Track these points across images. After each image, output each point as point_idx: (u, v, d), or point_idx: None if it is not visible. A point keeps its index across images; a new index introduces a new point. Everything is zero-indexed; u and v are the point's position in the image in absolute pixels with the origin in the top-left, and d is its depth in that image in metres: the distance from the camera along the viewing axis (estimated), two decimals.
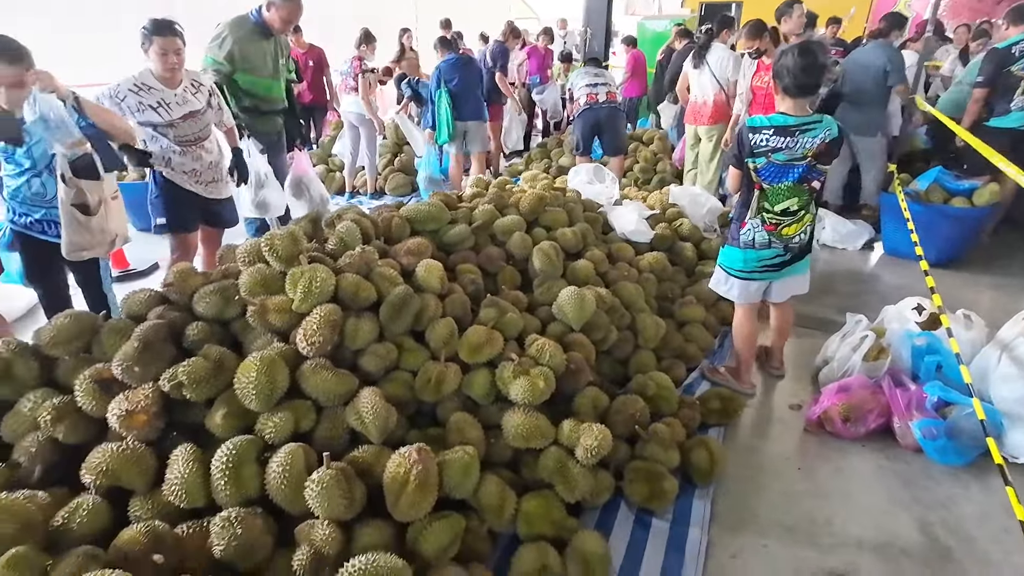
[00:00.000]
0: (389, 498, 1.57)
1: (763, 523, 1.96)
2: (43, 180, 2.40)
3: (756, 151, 2.21)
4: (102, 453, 1.58)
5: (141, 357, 1.72)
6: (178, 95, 2.87)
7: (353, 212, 2.53)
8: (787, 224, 2.32)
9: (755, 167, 2.24)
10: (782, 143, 2.17)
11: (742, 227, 2.39)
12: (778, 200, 2.28)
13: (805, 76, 2.12)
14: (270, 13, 3.36)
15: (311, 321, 1.83)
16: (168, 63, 2.76)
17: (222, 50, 3.36)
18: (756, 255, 2.40)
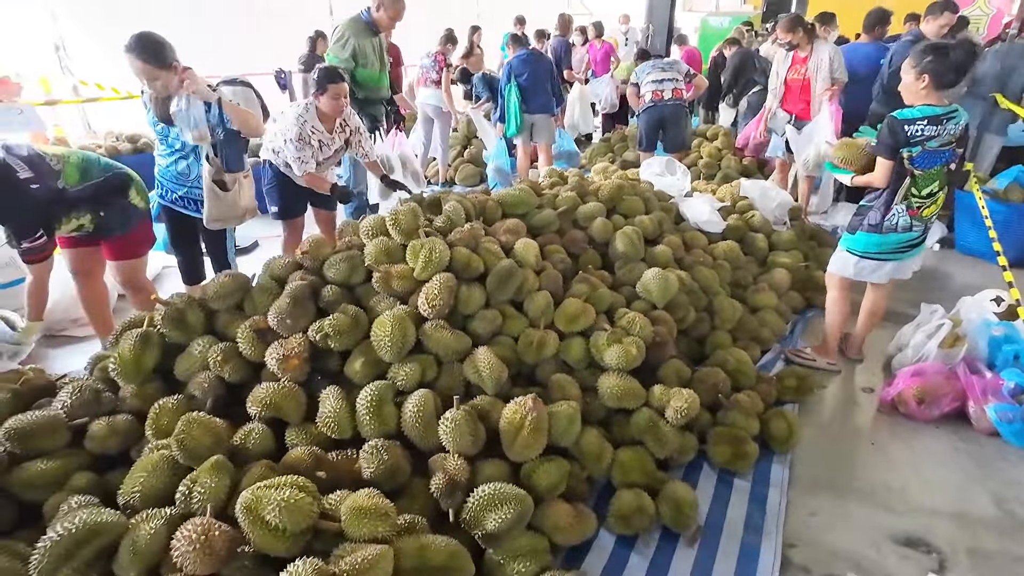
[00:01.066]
0: (505, 440, 1.80)
1: (839, 488, 2.09)
2: (189, 162, 2.76)
3: (913, 141, 2.37)
4: (265, 389, 1.86)
5: (292, 311, 2.01)
6: (333, 137, 3.20)
7: (455, 195, 2.78)
8: (928, 206, 2.51)
9: (910, 155, 2.39)
10: (935, 131, 2.34)
11: (887, 213, 2.51)
12: (925, 185, 2.45)
13: (955, 73, 2.35)
14: (379, 13, 3.73)
15: (432, 287, 2.07)
16: (339, 107, 3.08)
17: (346, 50, 3.76)
18: (897, 238, 2.55)
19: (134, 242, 2.75)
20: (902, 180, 2.45)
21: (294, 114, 3.06)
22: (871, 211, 2.57)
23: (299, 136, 3.02)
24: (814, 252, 3.87)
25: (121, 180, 2.63)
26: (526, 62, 5.22)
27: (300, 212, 3.48)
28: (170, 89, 2.54)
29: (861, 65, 4.84)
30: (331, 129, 3.17)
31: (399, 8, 3.73)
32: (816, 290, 3.46)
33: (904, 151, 2.38)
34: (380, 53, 3.88)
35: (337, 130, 3.21)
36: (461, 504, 1.64)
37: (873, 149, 2.49)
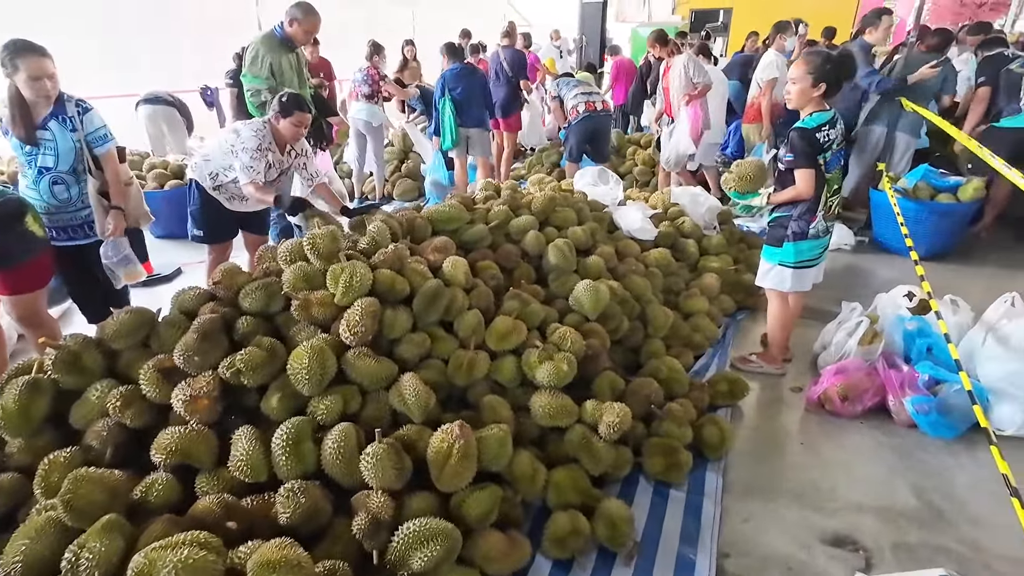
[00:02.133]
0: (433, 470, 1.73)
1: (771, 491, 2.12)
2: (67, 185, 2.63)
3: (824, 146, 2.46)
4: (170, 434, 1.72)
5: (200, 347, 1.87)
6: (283, 160, 3.06)
7: (380, 214, 2.69)
8: (835, 205, 2.64)
9: (824, 160, 2.49)
10: (834, 134, 2.48)
11: (813, 220, 2.55)
12: (833, 185, 2.57)
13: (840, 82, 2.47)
14: (293, 28, 3.57)
15: (353, 313, 1.98)
16: (298, 135, 2.97)
17: (263, 68, 3.60)
18: (820, 243, 2.63)
19: (31, 274, 2.53)
20: (822, 186, 2.51)
21: (252, 128, 2.93)
22: (792, 221, 2.59)
23: (257, 147, 2.89)
24: (744, 255, 3.98)
25: (15, 206, 2.44)
26: (459, 76, 5.18)
27: (228, 237, 3.31)
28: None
29: None
30: (283, 151, 3.05)
31: (314, 21, 3.60)
32: (746, 292, 3.55)
33: (820, 157, 2.46)
34: (299, 69, 3.74)
35: (288, 153, 3.08)
36: (385, 544, 1.56)
37: (791, 163, 2.48)
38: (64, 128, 2.57)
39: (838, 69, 2.41)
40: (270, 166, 3.00)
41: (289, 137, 2.99)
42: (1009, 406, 2.34)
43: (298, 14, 3.56)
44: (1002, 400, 2.36)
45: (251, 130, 2.93)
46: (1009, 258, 4.06)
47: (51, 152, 2.57)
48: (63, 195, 2.64)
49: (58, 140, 2.56)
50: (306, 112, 2.92)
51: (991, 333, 2.46)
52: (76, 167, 2.63)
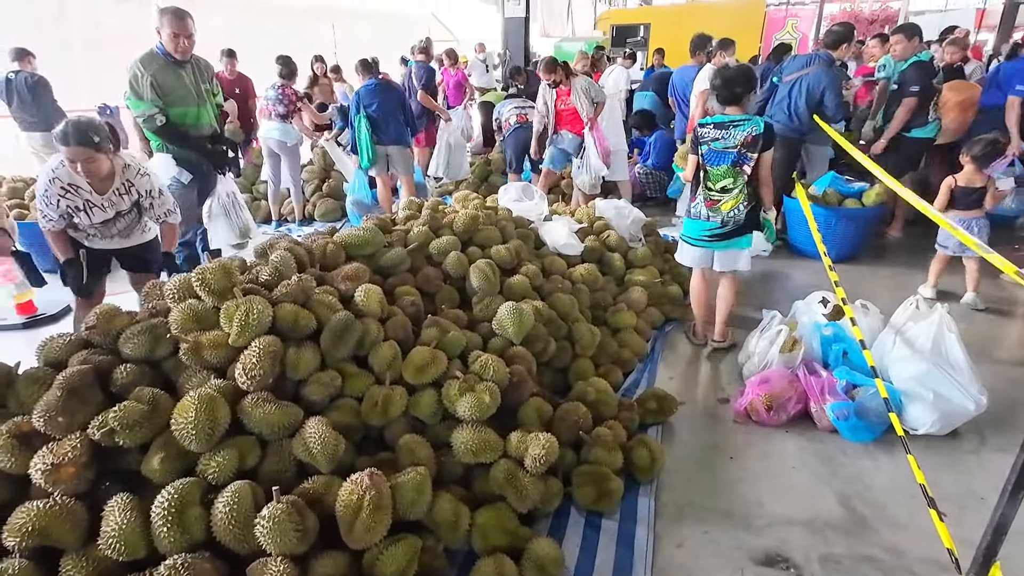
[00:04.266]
0: (343, 526, 1.57)
1: (702, 511, 2.08)
2: None
3: (702, 140, 2.90)
4: (26, 512, 1.48)
5: (66, 405, 1.63)
6: (107, 199, 2.67)
7: (286, 241, 2.50)
8: (724, 201, 2.91)
9: (701, 153, 2.91)
10: (719, 134, 2.84)
11: (693, 202, 3.04)
12: (717, 180, 2.90)
13: (731, 92, 2.86)
14: (163, 38, 3.27)
15: (250, 354, 1.80)
16: (80, 172, 2.51)
17: (143, 88, 3.27)
18: (700, 225, 3.02)
19: None
20: (699, 174, 2.97)
21: (49, 166, 2.57)
22: (688, 201, 3.13)
23: (45, 191, 2.56)
24: (669, 265, 4.01)
25: None
26: (373, 92, 5.02)
27: (96, 280, 2.87)
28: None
29: (689, 87, 5.24)
30: (103, 190, 2.64)
31: (173, 23, 3.23)
32: (673, 304, 3.57)
33: (699, 148, 2.92)
34: (194, 86, 3.44)
35: (116, 191, 2.68)
36: None
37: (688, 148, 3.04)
38: None
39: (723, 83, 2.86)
40: (86, 209, 2.63)
41: (77, 174, 2.52)
42: (919, 406, 2.41)
43: (161, 20, 3.26)
44: (913, 401, 2.44)
45: (48, 168, 2.58)
46: (915, 259, 4.29)
47: None
48: None
49: None
50: (75, 146, 2.41)
51: (899, 335, 2.55)
52: None
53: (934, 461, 2.27)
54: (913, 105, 4.37)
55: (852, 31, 4.63)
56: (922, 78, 4.32)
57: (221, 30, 7.84)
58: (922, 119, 4.44)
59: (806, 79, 4.32)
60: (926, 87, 4.35)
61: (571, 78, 4.93)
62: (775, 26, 11.05)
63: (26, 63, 5.44)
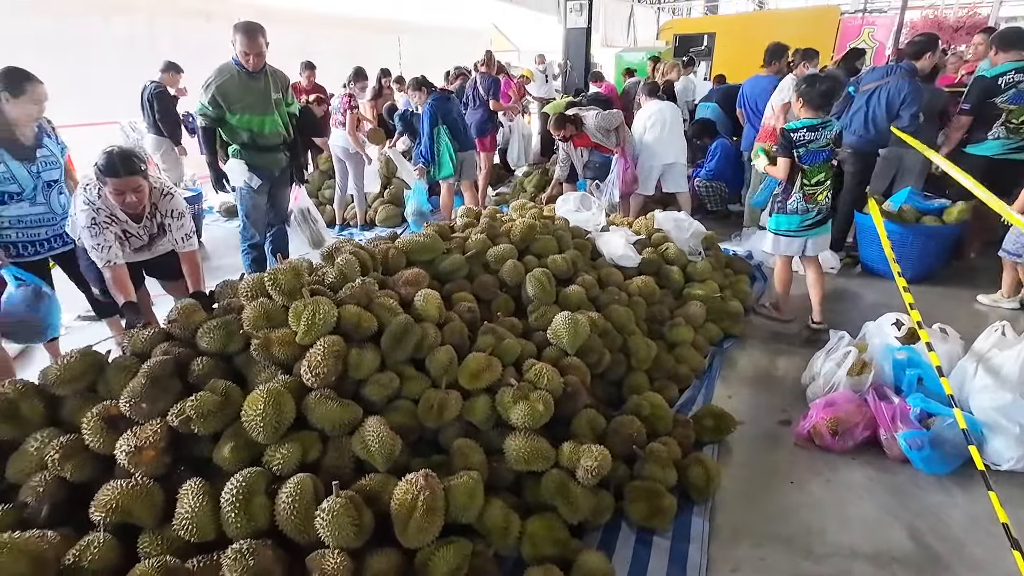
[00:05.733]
0: (397, 524, 1.61)
1: (759, 536, 2.01)
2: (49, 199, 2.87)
3: (798, 144, 3.22)
4: (111, 490, 1.60)
5: (148, 393, 1.75)
6: (142, 226, 2.70)
7: (351, 245, 2.60)
8: (818, 192, 3.31)
9: (799, 154, 3.24)
10: (813, 136, 3.20)
11: (788, 199, 3.37)
12: (814, 175, 3.28)
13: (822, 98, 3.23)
14: (236, 51, 3.51)
15: (315, 353, 1.88)
16: (126, 204, 2.51)
17: (207, 95, 3.55)
18: (799, 219, 3.37)
19: None
20: (797, 173, 3.28)
21: (85, 199, 2.52)
22: (779, 199, 3.43)
23: (92, 223, 2.51)
24: (729, 280, 3.91)
25: None
26: (446, 102, 5.16)
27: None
28: None
29: (761, 98, 5.07)
30: (139, 217, 2.64)
31: (244, 41, 3.45)
32: (733, 320, 3.47)
33: (795, 151, 3.22)
34: (262, 94, 3.64)
35: (148, 215, 2.68)
36: None
37: (776, 152, 3.34)
38: (55, 144, 2.91)
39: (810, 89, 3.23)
40: (127, 236, 2.66)
41: (120, 205, 2.51)
42: (1003, 440, 2.25)
43: (234, 36, 3.51)
44: (995, 433, 2.27)
45: (83, 202, 2.51)
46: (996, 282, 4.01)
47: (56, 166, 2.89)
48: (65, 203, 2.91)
49: (57, 155, 2.90)
50: (125, 176, 2.41)
51: (982, 363, 2.38)
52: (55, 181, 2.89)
53: (1019, 499, 2.10)
54: (965, 124, 4.12)
55: (936, 41, 4.39)
56: (976, 95, 4.02)
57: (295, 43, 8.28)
58: (980, 135, 4.11)
59: (886, 89, 4.12)
60: (978, 105, 4.02)
61: (580, 127, 5.12)
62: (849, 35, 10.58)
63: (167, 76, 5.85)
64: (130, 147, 2.56)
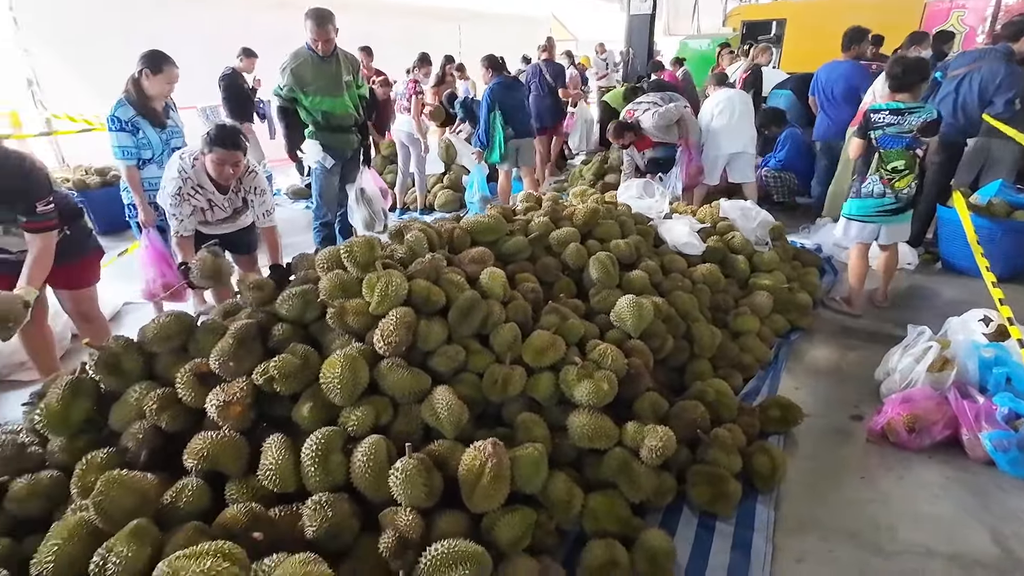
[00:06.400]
0: (464, 489, 1.66)
1: (827, 529, 1.95)
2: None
3: (875, 126, 3.17)
4: (203, 440, 1.71)
5: (235, 353, 1.87)
6: (227, 198, 2.89)
7: (419, 223, 2.67)
8: (897, 179, 3.20)
9: (874, 137, 3.18)
10: (894, 120, 3.12)
11: (864, 182, 3.30)
12: (891, 161, 3.18)
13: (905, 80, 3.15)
14: (310, 37, 3.70)
15: (388, 322, 1.95)
16: (224, 175, 2.73)
17: (283, 78, 3.78)
18: (874, 203, 3.28)
19: (85, 270, 2.68)
20: (872, 155, 3.22)
21: (177, 167, 2.72)
22: (855, 183, 3.38)
23: (177, 191, 2.71)
24: (797, 272, 3.78)
25: (78, 207, 2.63)
26: (507, 88, 5.19)
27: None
28: None
29: (837, 84, 4.84)
30: (225, 189, 2.83)
31: (314, 29, 3.65)
32: (800, 312, 3.36)
33: (871, 133, 3.19)
34: (332, 77, 3.79)
35: (234, 190, 2.87)
36: (412, 565, 1.49)
37: (855, 133, 3.33)
38: (178, 118, 3.32)
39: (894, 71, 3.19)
40: (210, 208, 2.84)
41: (216, 176, 2.72)
42: None
43: (306, 22, 3.69)
44: None
45: (176, 170, 2.71)
46: None
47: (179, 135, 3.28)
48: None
49: (180, 126, 3.29)
50: (231, 149, 2.63)
51: None
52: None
53: None
54: None
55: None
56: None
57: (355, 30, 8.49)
58: None
59: (978, 74, 3.86)
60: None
61: (639, 131, 5.04)
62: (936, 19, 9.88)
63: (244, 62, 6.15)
64: (234, 125, 2.73)
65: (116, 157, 3.12)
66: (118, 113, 3.06)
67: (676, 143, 5.04)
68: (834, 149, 5.18)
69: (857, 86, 4.74)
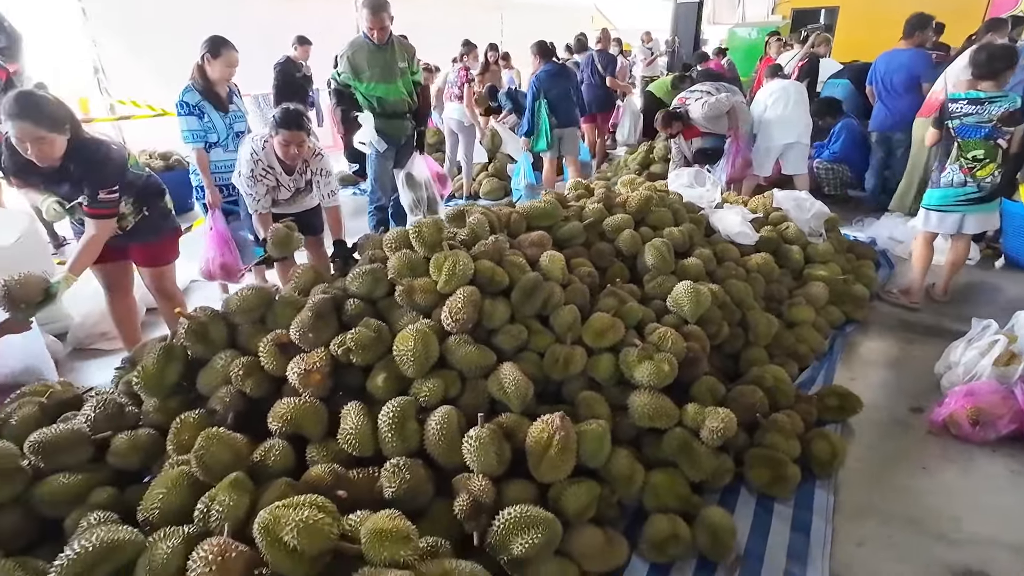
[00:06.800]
0: (532, 460, 1.72)
1: (887, 515, 1.96)
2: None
3: (952, 115, 3.13)
4: (286, 405, 1.82)
5: (314, 325, 1.97)
6: (292, 179, 3.01)
7: (479, 208, 2.74)
8: (978, 168, 3.13)
9: (952, 126, 3.14)
10: (973, 110, 3.08)
11: (943, 171, 3.24)
12: (970, 150, 3.12)
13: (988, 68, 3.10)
14: (364, 24, 3.83)
15: (455, 300, 2.02)
16: (291, 155, 2.83)
17: (340, 66, 3.94)
18: (955, 192, 3.22)
19: (165, 248, 2.84)
20: (951, 145, 3.17)
21: (249, 150, 2.86)
22: (935, 172, 3.33)
23: (251, 173, 2.87)
24: (852, 265, 3.72)
25: (160, 186, 2.78)
26: (554, 76, 5.21)
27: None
28: None
29: (897, 73, 4.71)
30: (291, 170, 2.96)
31: (369, 18, 3.74)
32: (855, 304, 3.32)
33: (948, 122, 3.15)
34: (387, 64, 3.89)
35: (299, 171, 3.00)
36: (486, 527, 1.57)
37: (931, 121, 3.34)
38: (241, 103, 3.45)
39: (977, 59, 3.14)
40: (276, 188, 2.96)
41: (283, 156, 2.84)
42: None
43: (360, 11, 3.84)
44: None
45: (249, 151, 2.84)
46: None
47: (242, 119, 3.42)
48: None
49: (243, 111, 3.42)
50: (295, 130, 2.73)
51: None
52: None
53: None
54: None
55: None
56: None
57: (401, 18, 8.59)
58: None
59: None
60: None
61: (688, 120, 4.97)
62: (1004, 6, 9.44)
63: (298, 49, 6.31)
64: (299, 108, 2.84)
65: (185, 141, 3.28)
66: (185, 98, 3.22)
67: (725, 134, 4.98)
68: (891, 141, 5.05)
69: (919, 75, 4.61)
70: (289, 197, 3.10)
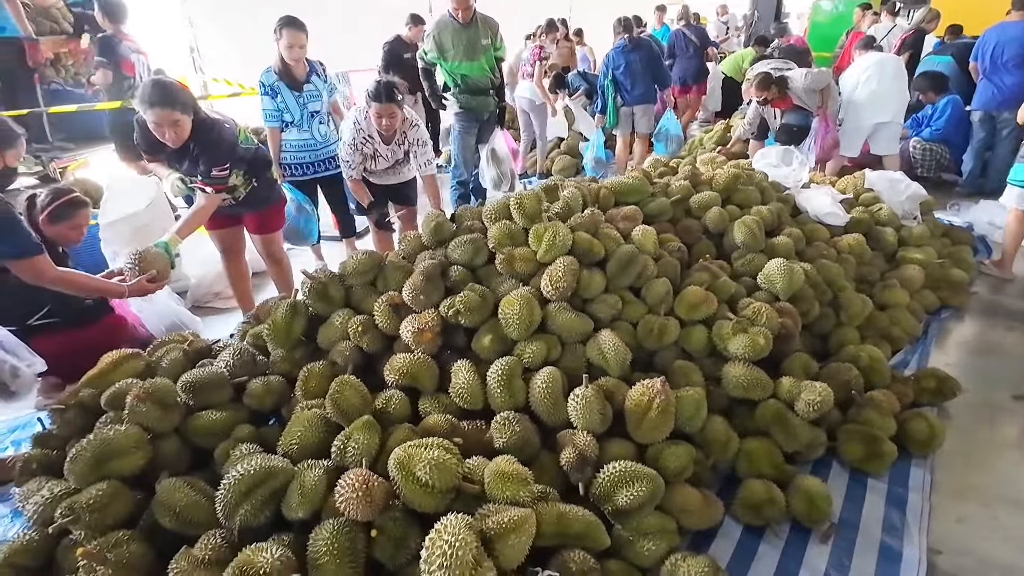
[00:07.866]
0: (631, 421, 1.81)
1: (988, 495, 1.94)
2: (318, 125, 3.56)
3: None
4: (402, 359, 1.98)
5: (425, 287, 2.12)
6: (390, 149, 3.17)
7: (571, 182, 2.81)
8: None
9: None
10: None
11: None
12: None
13: None
14: (449, 5, 3.96)
15: (556, 269, 2.11)
16: (384, 126, 3.00)
17: (426, 44, 4.11)
18: None
19: (272, 216, 3.07)
20: None
21: (352, 118, 3.09)
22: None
23: (352, 141, 3.06)
24: (948, 249, 3.58)
25: (267, 158, 2.99)
26: (621, 53, 5.18)
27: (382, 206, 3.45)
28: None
29: (1008, 47, 4.41)
30: (389, 140, 3.13)
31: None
32: (953, 290, 3.20)
33: None
34: (471, 42, 4.01)
35: (397, 141, 3.16)
36: (591, 479, 1.67)
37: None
38: (322, 83, 3.46)
39: None
40: (374, 157, 3.10)
41: (378, 126, 2.99)
42: None
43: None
44: None
45: (351, 122, 3.03)
46: None
47: (317, 99, 3.43)
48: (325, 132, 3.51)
49: (320, 90, 3.44)
50: (386, 103, 2.88)
51: None
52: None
53: None
54: None
55: None
56: None
57: None
58: None
59: None
60: None
61: (785, 88, 4.72)
62: None
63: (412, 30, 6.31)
64: (392, 80, 2.98)
65: (263, 120, 3.47)
66: (263, 79, 3.39)
67: (815, 112, 4.81)
68: (995, 120, 4.75)
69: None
70: (388, 167, 3.26)
